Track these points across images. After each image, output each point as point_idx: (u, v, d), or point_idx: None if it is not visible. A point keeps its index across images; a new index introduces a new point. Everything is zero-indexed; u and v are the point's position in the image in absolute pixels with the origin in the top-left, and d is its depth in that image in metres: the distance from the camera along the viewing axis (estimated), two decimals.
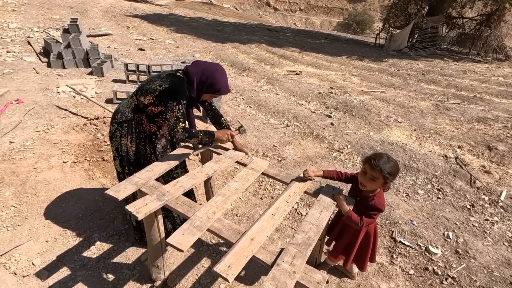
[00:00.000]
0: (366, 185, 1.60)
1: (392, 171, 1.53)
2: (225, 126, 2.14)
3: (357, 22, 34.27)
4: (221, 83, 1.82)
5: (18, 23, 7.57)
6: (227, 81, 1.89)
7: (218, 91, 1.84)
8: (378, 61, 9.89)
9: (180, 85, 1.76)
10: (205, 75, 1.78)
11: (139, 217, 1.38)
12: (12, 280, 1.91)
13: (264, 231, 1.37)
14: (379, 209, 1.61)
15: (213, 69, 1.81)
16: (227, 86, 1.87)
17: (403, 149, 3.87)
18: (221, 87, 1.83)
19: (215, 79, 1.79)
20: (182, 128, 1.70)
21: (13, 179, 2.73)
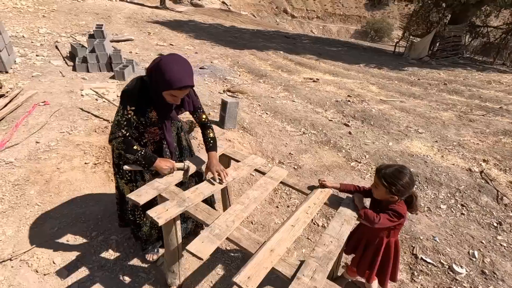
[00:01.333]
0: (373, 191, 1.61)
1: (394, 181, 1.47)
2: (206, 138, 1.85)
3: (375, 30, 33.89)
4: (169, 72, 1.40)
5: (47, 28, 7.95)
6: (183, 71, 1.45)
7: (170, 84, 1.42)
8: (397, 69, 9.71)
9: (131, 88, 1.53)
10: (153, 67, 1.47)
11: (160, 223, 1.39)
12: (33, 278, 1.96)
13: (284, 242, 1.34)
14: (398, 213, 1.54)
15: (160, 58, 1.47)
16: (183, 77, 1.43)
17: (424, 161, 3.74)
18: (171, 78, 1.40)
19: (162, 69, 1.42)
20: (122, 137, 1.55)
21: (38, 178, 2.82)
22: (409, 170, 1.53)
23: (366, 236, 1.74)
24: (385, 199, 1.57)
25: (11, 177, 2.79)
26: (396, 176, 1.48)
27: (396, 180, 1.47)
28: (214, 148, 1.82)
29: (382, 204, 1.61)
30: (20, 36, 6.90)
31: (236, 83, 6.40)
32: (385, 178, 1.49)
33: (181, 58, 1.50)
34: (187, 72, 1.47)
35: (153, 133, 1.73)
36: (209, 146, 1.82)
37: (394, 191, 1.48)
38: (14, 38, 6.60)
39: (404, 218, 1.59)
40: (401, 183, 1.47)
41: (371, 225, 1.57)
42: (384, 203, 1.59)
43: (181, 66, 1.45)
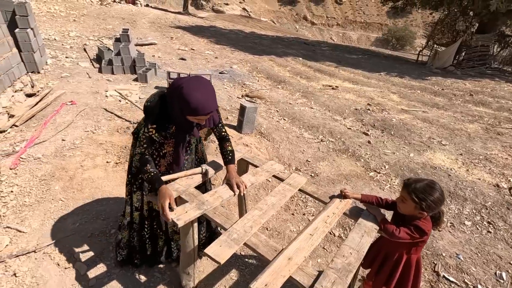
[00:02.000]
0: (399, 206, 1.54)
1: (425, 196, 1.40)
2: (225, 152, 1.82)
3: (397, 38, 33.25)
4: (194, 100, 1.39)
5: (77, 32, 8.34)
6: (207, 98, 1.44)
7: (196, 111, 1.42)
8: (420, 78, 9.45)
9: (152, 105, 1.52)
10: (175, 94, 1.44)
11: (179, 224, 1.40)
12: (55, 270, 2.03)
13: (302, 251, 1.32)
14: (421, 229, 1.47)
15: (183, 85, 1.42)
16: (207, 103, 1.43)
17: (448, 175, 3.60)
18: (196, 106, 1.40)
19: (185, 98, 1.40)
20: (140, 154, 1.58)
21: (63, 174, 2.94)
22: (439, 185, 1.46)
23: (385, 250, 1.68)
24: (412, 215, 1.50)
25: (38, 172, 2.92)
26: (427, 191, 1.41)
27: (427, 196, 1.40)
28: (233, 161, 1.81)
29: (406, 219, 1.54)
30: (52, 38, 7.27)
31: (255, 88, 6.44)
32: (416, 193, 1.42)
33: (202, 82, 1.47)
34: (210, 97, 1.46)
35: (171, 145, 1.74)
36: (227, 159, 1.80)
37: (425, 207, 1.41)
38: (46, 40, 6.97)
39: (428, 236, 1.51)
40: (431, 199, 1.41)
41: (390, 238, 1.51)
42: (409, 218, 1.52)
43: (204, 92, 1.44)
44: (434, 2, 12.35)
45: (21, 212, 2.47)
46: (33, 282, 1.93)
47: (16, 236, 2.24)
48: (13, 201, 2.56)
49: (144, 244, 2.04)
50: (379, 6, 40.25)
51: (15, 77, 4.44)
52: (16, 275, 1.96)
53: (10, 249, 2.13)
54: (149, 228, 1.99)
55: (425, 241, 1.58)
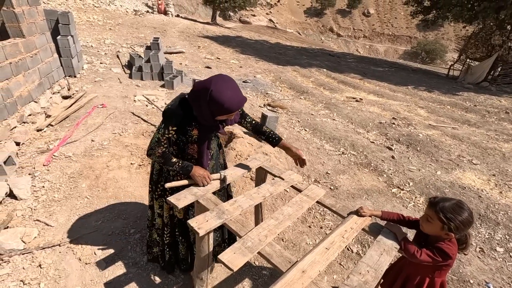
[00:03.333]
0: (423, 226, 1.45)
1: (453, 216, 1.32)
2: (268, 134, 1.88)
3: (427, 51, 32.26)
4: (226, 100, 1.43)
5: (112, 39, 8.86)
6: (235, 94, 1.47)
7: (230, 110, 1.47)
8: (450, 93, 9.06)
9: (174, 108, 1.54)
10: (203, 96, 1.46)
11: (201, 233, 1.42)
12: (76, 265, 2.12)
13: (316, 265, 1.29)
14: (445, 252, 1.38)
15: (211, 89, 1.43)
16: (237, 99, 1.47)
17: (478, 196, 3.38)
18: (230, 105, 1.45)
19: (218, 100, 1.43)
20: (160, 152, 1.61)
21: (90, 173, 3.09)
22: (468, 206, 1.38)
23: (406, 271, 1.60)
24: (437, 235, 1.42)
25: (68, 170, 3.09)
26: (456, 211, 1.33)
27: (456, 216, 1.32)
28: (280, 138, 1.90)
29: (429, 239, 1.47)
30: (89, 45, 7.77)
31: (277, 98, 6.47)
32: (444, 212, 1.34)
33: (227, 79, 1.49)
34: (238, 92, 1.50)
35: (193, 149, 1.75)
36: (276, 138, 1.88)
37: (453, 228, 1.33)
38: (84, 47, 7.46)
39: (453, 260, 1.42)
40: (460, 219, 1.32)
41: (410, 259, 1.44)
42: (433, 239, 1.45)
43: (232, 88, 1.47)
44: (468, 15, 11.89)
45: (50, 207, 2.61)
46: (56, 275, 2.02)
47: (43, 229, 2.37)
48: (43, 195, 2.73)
49: (164, 250, 2.07)
50: (408, 19, 39.43)
51: (54, 80, 4.77)
52: (41, 266, 2.06)
53: (37, 241, 2.25)
54: (169, 236, 2.01)
55: (450, 265, 1.48)
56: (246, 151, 3.70)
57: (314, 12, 43.76)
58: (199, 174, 1.69)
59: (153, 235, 2.08)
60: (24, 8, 3.96)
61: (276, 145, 1.90)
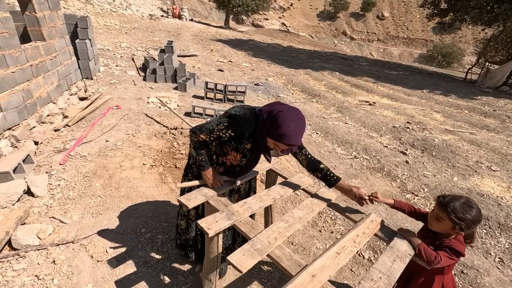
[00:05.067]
0: (432, 224, 1.45)
1: (464, 216, 1.31)
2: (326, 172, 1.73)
3: (443, 55, 31.46)
4: (285, 128, 1.40)
5: (127, 43, 9.09)
6: (298, 130, 1.43)
7: (280, 138, 1.42)
8: (467, 98, 8.79)
9: (242, 118, 1.53)
10: (271, 114, 1.46)
11: (210, 234, 1.42)
12: (88, 262, 2.16)
13: (327, 269, 1.26)
14: (456, 251, 1.36)
15: (282, 110, 1.44)
16: (295, 136, 1.42)
17: (498, 204, 3.25)
18: (284, 134, 1.40)
19: (279, 122, 1.41)
20: (203, 138, 1.61)
21: (103, 172, 3.15)
22: (475, 203, 1.37)
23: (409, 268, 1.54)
24: (446, 233, 1.41)
25: (83, 169, 3.16)
26: (466, 211, 1.32)
27: (466, 216, 1.31)
28: (339, 178, 1.74)
29: (437, 235, 1.46)
30: (106, 49, 7.99)
31: (288, 101, 6.45)
32: (455, 213, 1.32)
33: (300, 116, 1.46)
34: (300, 132, 1.45)
35: (234, 157, 1.73)
36: (334, 178, 1.71)
37: (464, 227, 1.32)
38: (101, 50, 7.67)
39: (463, 256, 1.41)
40: (470, 219, 1.31)
41: (428, 266, 1.39)
42: (441, 234, 1.44)
43: (298, 125, 1.43)
44: (488, 17, 11.55)
45: (65, 205, 2.68)
46: (69, 271, 2.07)
47: (58, 226, 2.43)
48: (59, 193, 2.80)
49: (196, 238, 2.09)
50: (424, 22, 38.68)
51: (72, 82, 4.92)
52: (55, 262, 2.11)
53: (52, 238, 2.31)
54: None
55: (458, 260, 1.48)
56: None
57: (327, 15, 43.55)
58: (210, 176, 1.72)
59: (183, 224, 2.10)
60: (45, 13, 4.11)
61: (333, 186, 1.72)
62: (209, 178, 1.72)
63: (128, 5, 16.47)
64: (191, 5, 26.78)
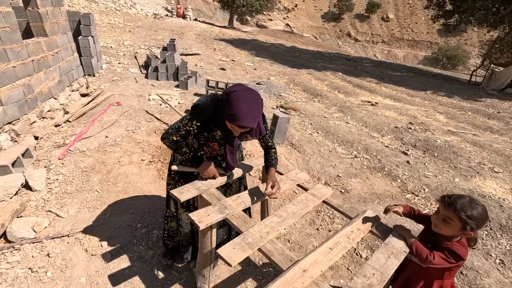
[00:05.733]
0: (440, 227, 1.34)
1: (474, 214, 1.25)
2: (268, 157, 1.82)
3: (448, 57, 31.19)
4: (235, 108, 1.38)
5: (130, 41, 9.12)
6: (249, 111, 1.40)
7: (231, 118, 1.40)
8: (471, 99, 8.70)
9: (203, 104, 1.55)
10: (225, 96, 1.46)
11: (201, 227, 1.40)
12: (83, 256, 2.15)
13: (318, 265, 1.24)
14: (457, 254, 1.31)
15: (235, 90, 1.44)
16: (246, 117, 1.39)
17: (500, 205, 3.20)
18: (235, 114, 1.38)
19: (230, 102, 1.40)
20: (175, 139, 1.63)
21: (102, 168, 3.15)
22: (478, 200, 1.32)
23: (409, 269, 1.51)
24: (451, 235, 1.35)
25: (81, 164, 3.17)
26: (475, 208, 1.26)
27: (476, 214, 1.25)
28: (275, 165, 1.80)
29: (438, 237, 1.40)
30: (109, 46, 8.02)
31: (290, 100, 6.42)
32: (465, 211, 1.25)
33: (253, 97, 1.45)
34: (251, 113, 1.41)
35: (212, 147, 1.74)
36: (270, 162, 1.79)
37: (474, 226, 1.26)
38: (104, 48, 7.71)
39: (463, 260, 1.35)
40: (480, 217, 1.26)
41: (422, 264, 1.36)
42: (441, 237, 1.38)
43: (249, 106, 1.40)
44: (493, 19, 11.43)
45: (62, 199, 2.68)
46: (63, 264, 2.06)
47: (54, 220, 2.42)
48: (57, 188, 2.80)
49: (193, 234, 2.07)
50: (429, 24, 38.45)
51: (73, 78, 4.94)
52: (49, 255, 2.11)
53: (48, 231, 2.31)
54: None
55: (460, 266, 1.40)
56: (255, 151, 3.67)
57: (332, 16, 43.46)
58: (207, 171, 1.70)
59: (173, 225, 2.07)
60: (47, 9, 4.13)
61: (266, 168, 1.81)
62: (207, 171, 1.70)
63: (133, 4, 16.55)
64: (195, 5, 26.86)
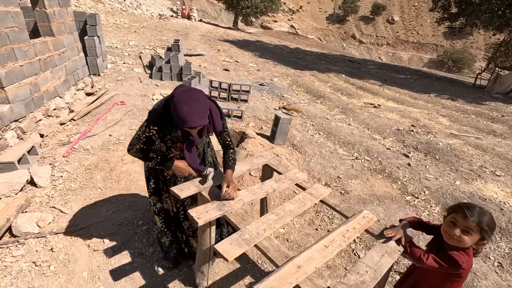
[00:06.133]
0: (459, 240, 1.26)
1: (491, 224, 1.24)
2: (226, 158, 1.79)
3: (454, 60, 30.93)
4: (179, 112, 1.39)
5: (136, 41, 9.22)
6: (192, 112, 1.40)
7: (178, 123, 1.43)
8: (475, 103, 8.65)
9: (157, 109, 1.57)
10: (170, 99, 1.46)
11: (200, 223, 1.44)
12: (85, 251, 2.20)
13: (313, 261, 1.27)
14: (453, 260, 1.27)
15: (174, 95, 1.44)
16: (191, 118, 1.40)
17: (500, 208, 3.19)
18: (180, 118, 1.40)
19: (173, 107, 1.42)
20: (139, 148, 1.66)
21: (105, 166, 3.21)
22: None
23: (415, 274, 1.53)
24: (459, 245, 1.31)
25: (85, 161, 3.22)
26: (488, 217, 1.25)
27: (491, 224, 1.25)
28: (232, 167, 1.77)
29: (444, 246, 1.36)
30: (114, 46, 8.12)
31: (292, 102, 6.45)
32: (486, 222, 1.23)
33: (193, 96, 1.44)
34: (196, 112, 1.42)
35: (180, 148, 1.75)
36: (227, 164, 1.77)
37: (490, 236, 1.26)
38: (109, 48, 7.80)
39: (465, 270, 1.31)
40: (494, 227, 1.25)
41: (415, 263, 1.38)
42: (448, 246, 1.34)
43: (190, 106, 1.40)
44: (499, 22, 11.36)
45: (66, 195, 2.73)
46: (65, 259, 2.11)
47: (58, 216, 2.48)
48: (61, 185, 2.86)
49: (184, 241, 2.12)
50: (435, 26, 38.22)
51: (79, 78, 5.02)
52: (52, 250, 2.16)
53: (51, 226, 2.36)
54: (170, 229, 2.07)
55: (462, 276, 1.37)
56: (257, 151, 3.71)
57: (337, 18, 43.40)
58: (179, 168, 1.68)
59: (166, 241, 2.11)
60: (55, 9, 4.21)
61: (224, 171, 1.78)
62: (182, 171, 1.68)
63: (138, 5, 16.71)
64: (200, 6, 27.02)
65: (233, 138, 4.49)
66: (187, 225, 2.04)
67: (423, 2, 42.23)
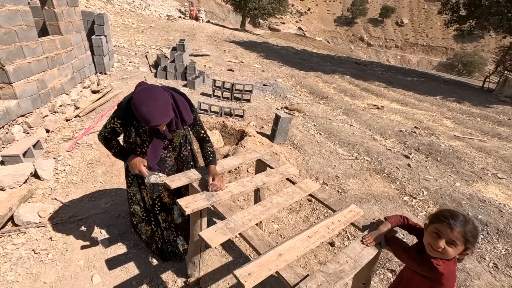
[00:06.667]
0: (444, 252, 1.19)
1: (475, 233, 1.19)
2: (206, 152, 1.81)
3: (464, 63, 30.45)
4: (140, 113, 1.41)
5: (142, 41, 9.38)
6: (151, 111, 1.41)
7: (142, 122, 1.46)
8: (482, 106, 8.53)
9: (123, 103, 1.60)
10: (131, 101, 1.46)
11: (187, 212, 1.49)
12: (83, 241, 2.27)
13: (294, 250, 1.30)
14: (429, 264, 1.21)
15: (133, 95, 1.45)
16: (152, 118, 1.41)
17: (499, 210, 3.16)
18: (142, 118, 1.42)
19: (134, 107, 1.43)
20: (102, 136, 1.72)
21: (106, 160, 3.29)
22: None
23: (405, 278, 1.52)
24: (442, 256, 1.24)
25: (88, 156, 3.32)
26: (471, 225, 1.19)
27: (475, 233, 1.19)
28: (213, 161, 1.78)
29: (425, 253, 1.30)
30: (121, 46, 8.28)
31: (295, 102, 6.47)
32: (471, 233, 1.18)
33: (151, 96, 1.43)
34: (156, 111, 1.42)
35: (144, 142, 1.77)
36: (208, 159, 1.78)
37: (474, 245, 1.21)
38: (116, 47, 7.96)
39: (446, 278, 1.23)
40: (477, 235, 1.21)
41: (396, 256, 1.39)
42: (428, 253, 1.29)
43: (149, 106, 1.40)
44: (508, 25, 11.17)
45: (67, 188, 2.82)
46: (63, 248, 2.18)
47: (59, 207, 2.56)
48: (63, 178, 2.95)
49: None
50: (445, 29, 37.74)
51: (85, 76, 5.15)
52: (52, 239, 2.24)
53: (52, 217, 2.44)
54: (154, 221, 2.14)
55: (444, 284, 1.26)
56: (256, 149, 3.74)
57: (345, 20, 43.23)
58: (130, 164, 1.69)
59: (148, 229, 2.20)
60: (63, 8, 4.34)
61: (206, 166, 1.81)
62: (135, 167, 1.67)
63: (147, 6, 16.98)
64: (209, 7, 27.28)
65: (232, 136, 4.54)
66: (163, 217, 2.06)
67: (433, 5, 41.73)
